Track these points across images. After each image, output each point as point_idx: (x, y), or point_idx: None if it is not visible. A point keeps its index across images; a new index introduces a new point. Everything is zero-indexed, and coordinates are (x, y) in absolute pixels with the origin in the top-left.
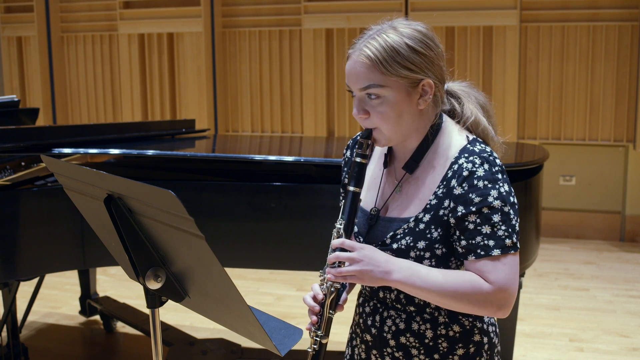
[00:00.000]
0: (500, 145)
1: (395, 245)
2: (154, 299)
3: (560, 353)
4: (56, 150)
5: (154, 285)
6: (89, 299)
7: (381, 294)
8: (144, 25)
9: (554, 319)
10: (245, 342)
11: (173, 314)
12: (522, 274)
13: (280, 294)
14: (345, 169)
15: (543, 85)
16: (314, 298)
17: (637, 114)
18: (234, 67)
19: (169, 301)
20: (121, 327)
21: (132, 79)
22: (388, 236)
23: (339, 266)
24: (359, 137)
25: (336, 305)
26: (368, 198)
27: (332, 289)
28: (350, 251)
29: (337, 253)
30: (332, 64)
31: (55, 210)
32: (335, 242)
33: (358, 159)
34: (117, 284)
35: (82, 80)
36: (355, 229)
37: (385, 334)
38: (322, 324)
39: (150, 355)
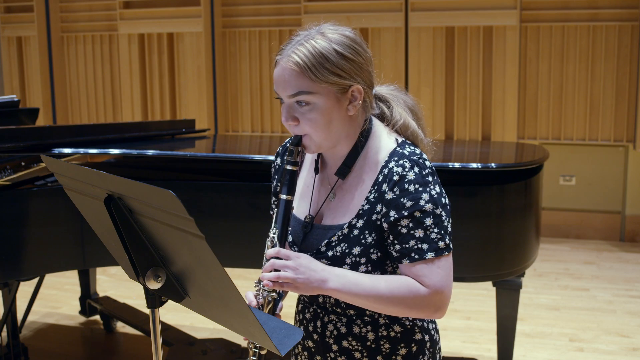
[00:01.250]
0: (430, 147)
1: (330, 253)
2: (154, 299)
3: (560, 353)
4: (56, 150)
5: (154, 285)
6: (89, 299)
7: (320, 299)
8: (144, 25)
9: (554, 319)
10: (245, 342)
11: (173, 314)
12: (522, 274)
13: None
14: (276, 176)
15: (543, 85)
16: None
17: (637, 114)
18: (234, 67)
19: (169, 301)
20: (121, 327)
21: (132, 79)
22: (323, 244)
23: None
24: (288, 145)
25: (274, 313)
26: (301, 206)
27: (269, 298)
28: (285, 260)
29: (273, 261)
30: None
31: (55, 210)
32: (270, 251)
33: (289, 167)
34: (117, 284)
35: (82, 80)
36: (290, 238)
37: (327, 339)
38: None
39: (150, 355)
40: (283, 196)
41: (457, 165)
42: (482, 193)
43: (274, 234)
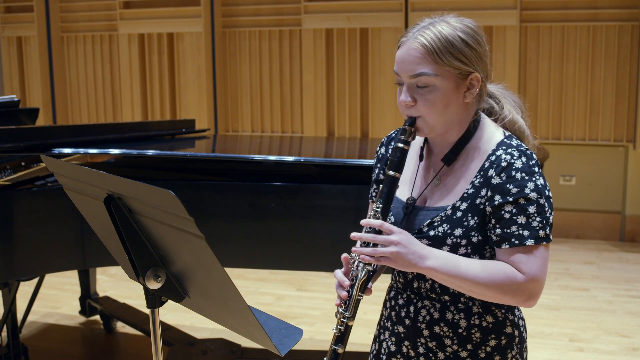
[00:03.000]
0: (534, 145)
1: (432, 233)
2: (154, 299)
3: (560, 353)
4: (56, 150)
5: (154, 285)
6: (89, 299)
7: (415, 284)
8: (144, 25)
9: (554, 319)
10: (245, 342)
11: (173, 314)
12: None
13: (280, 294)
14: (379, 165)
15: (543, 85)
16: (346, 274)
17: (637, 114)
18: (234, 67)
19: (169, 301)
20: (121, 327)
21: (132, 79)
22: (425, 224)
23: (374, 248)
24: (397, 134)
25: (365, 288)
26: (403, 190)
27: (364, 272)
28: (387, 234)
29: (374, 235)
30: (332, 64)
31: (55, 210)
32: (374, 222)
33: (400, 145)
34: (117, 284)
35: (82, 80)
36: (392, 218)
37: (419, 324)
38: (350, 306)
39: (150, 355)
40: (390, 172)
41: None
42: None
43: (378, 208)
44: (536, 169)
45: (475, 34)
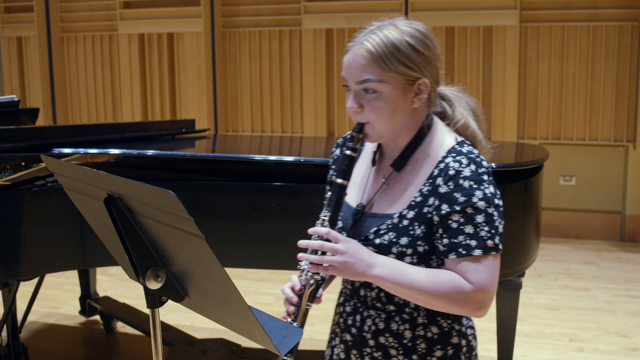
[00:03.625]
0: (488, 150)
1: (378, 241)
2: (154, 299)
3: (560, 353)
4: (56, 150)
5: (154, 285)
6: (89, 299)
7: (362, 292)
8: (144, 25)
9: (554, 319)
10: (245, 342)
11: (173, 314)
12: (522, 274)
13: (280, 294)
14: (333, 166)
15: (543, 85)
16: (292, 289)
17: (637, 114)
18: (234, 67)
19: (169, 301)
20: (121, 327)
21: (132, 79)
22: (371, 231)
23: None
24: (350, 133)
25: (314, 297)
26: (354, 195)
27: (311, 281)
28: (334, 242)
29: (322, 242)
30: (332, 64)
31: (55, 210)
32: (320, 230)
33: (348, 152)
34: (117, 284)
35: (82, 80)
36: (340, 224)
37: (365, 334)
38: (298, 315)
39: (150, 355)
40: (338, 180)
41: None
42: None
43: (325, 216)
44: (485, 177)
45: (424, 38)
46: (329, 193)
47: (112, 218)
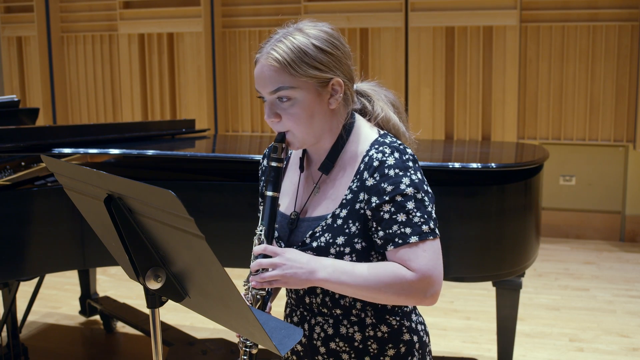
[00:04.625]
0: (412, 141)
1: (315, 244)
2: (154, 299)
3: (560, 353)
4: (56, 150)
5: (154, 285)
6: (89, 299)
7: (307, 300)
8: (144, 25)
9: (554, 319)
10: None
11: (173, 314)
12: (522, 274)
13: (280, 294)
14: (263, 178)
15: (543, 85)
16: None
17: (637, 114)
18: (234, 67)
19: (169, 301)
20: (121, 327)
21: (132, 79)
22: (307, 235)
23: (263, 273)
24: (272, 144)
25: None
26: (288, 204)
27: (257, 297)
28: (272, 257)
29: (259, 260)
30: None
31: (55, 210)
32: (257, 248)
33: (274, 164)
34: (117, 284)
35: (82, 80)
36: (277, 234)
37: (315, 342)
38: None
39: (150, 355)
40: (269, 193)
41: (457, 165)
42: (482, 193)
43: (261, 231)
44: (410, 164)
45: (330, 38)
46: (261, 207)
47: (112, 218)
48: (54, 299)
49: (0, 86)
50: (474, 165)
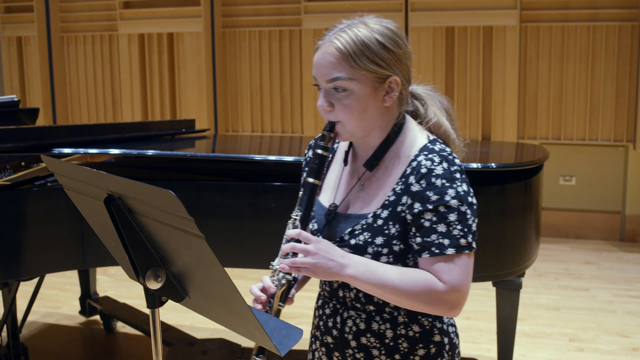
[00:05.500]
0: (461, 149)
1: (353, 241)
2: (154, 299)
3: (560, 353)
4: (56, 150)
5: (154, 285)
6: (89, 299)
7: (341, 293)
8: (144, 25)
9: (554, 319)
10: (245, 342)
11: (173, 314)
12: (522, 274)
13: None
14: (306, 168)
15: (543, 85)
16: (263, 289)
17: (637, 114)
18: (234, 67)
19: (169, 301)
20: (121, 327)
21: (132, 79)
22: (346, 232)
23: (293, 257)
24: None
25: (286, 297)
26: (327, 196)
27: (283, 281)
28: (306, 243)
29: (293, 244)
30: None
31: (55, 210)
32: (291, 232)
33: (319, 151)
34: (117, 284)
35: (82, 80)
36: (315, 225)
37: (346, 335)
38: (270, 314)
39: (150, 355)
40: (310, 179)
41: None
42: (482, 193)
43: (297, 215)
44: (458, 175)
45: (394, 36)
46: (301, 193)
47: (112, 218)
48: (54, 299)
49: (0, 86)
50: (474, 165)
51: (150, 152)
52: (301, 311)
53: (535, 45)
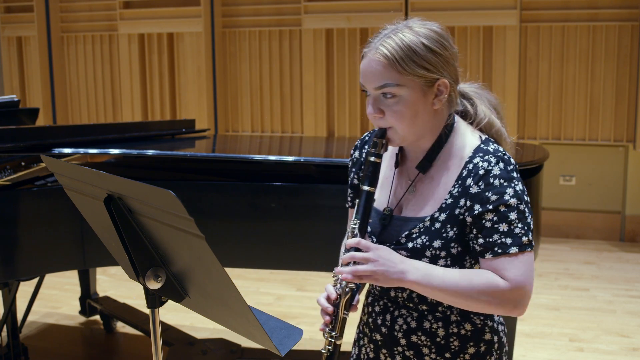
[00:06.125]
0: (512, 146)
1: (410, 245)
2: (154, 299)
3: (560, 353)
4: (56, 150)
5: (154, 285)
6: (89, 299)
7: (392, 293)
8: (144, 25)
9: (554, 319)
10: (245, 342)
11: (173, 314)
12: None
13: (280, 294)
14: (354, 169)
15: (543, 85)
16: (327, 299)
17: (637, 114)
18: (234, 67)
19: (169, 301)
20: (121, 327)
21: (132, 79)
22: (403, 235)
23: (354, 266)
24: (371, 137)
25: (350, 305)
26: (380, 198)
27: (347, 289)
28: (365, 251)
29: (353, 253)
30: (332, 64)
31: (55, 210)
32: (350, 241)
33: (372, 158)
34: (117, 284)
35: (82, 80)
36: (369, 228)
37: (396, 333)
38: (336, 325)
39: (150, 355)
40: (365, 187)
41: None
42: None
43: (355, 224)
44: (514, 174)
45: (440, 38)
46: (349, 200)
47: (112, 218)
48: (54, 299)
49: (0, 86)
50: None
51: (150, 152)
52: (301, 311)
53: (535, 45)
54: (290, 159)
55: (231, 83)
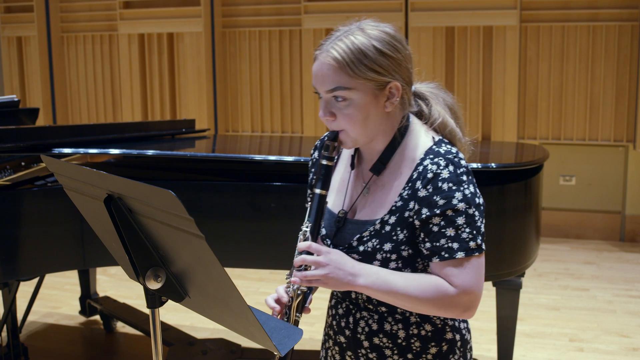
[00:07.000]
0: (467, 147)
1: (361, 248)
2: (154, 299)
3: (560, 353)
4: (56, 150)
5: (154, 285)
6: (89, 299)
7: (353, 295)
8: (144, 25)
9: (554, 319)
10: (245, 342)
11: (173, 314)
12: (522, 274)
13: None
14: (313, 169)
15: (543, 85)
16: (277, 300)
17: (637, 114)
18: (234, 67)
19: (169, 301)
20: (121, 327)
21: (132, 79)
22: (355, 239)
23: (306, 269)
24: (325, 139)
25: (303, 307)
26: (336, 201)
27: (298, 292)
28: (316, 255)
29: (304, 256)
30: None
31: (55, 210)
32: (301, 245)
33: (324, 162)
34: (117, 284)
35: (82, 80)
36: (323, 231)
37: (359, 335)
38: None
39: (150, 355)
40: (317, 190)
41: None
42: (482, 193)
43: (307, 227)
44: (464, 177)
45: (392, 40)
46: (309, 202)
47: (112, 218)
48: (54, 299)
49: (0, 86)
50: (474, 165)
51: (150, 152)
52: None
53: (535, 45)
54: (290, 159)
55: (231, 83)
